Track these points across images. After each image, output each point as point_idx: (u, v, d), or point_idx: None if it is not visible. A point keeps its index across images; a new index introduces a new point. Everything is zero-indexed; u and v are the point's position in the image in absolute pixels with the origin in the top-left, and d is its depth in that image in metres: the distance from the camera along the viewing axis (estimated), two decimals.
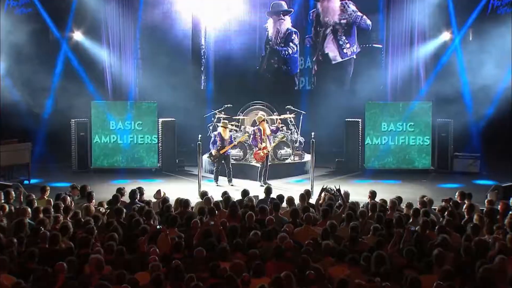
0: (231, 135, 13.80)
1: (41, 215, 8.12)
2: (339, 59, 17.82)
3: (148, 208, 8.49)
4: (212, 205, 8.78)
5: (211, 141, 13.48)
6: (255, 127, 13.61)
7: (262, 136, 13.24)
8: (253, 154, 13.68)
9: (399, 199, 9.57)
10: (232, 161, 14.03)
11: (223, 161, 13.43)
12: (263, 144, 13.24)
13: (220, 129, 13.52)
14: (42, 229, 7.36)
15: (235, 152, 14.27)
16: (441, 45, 16.42)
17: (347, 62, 17.85)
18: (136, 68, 17.38)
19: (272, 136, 13.56)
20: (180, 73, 17.38)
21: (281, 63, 17.88)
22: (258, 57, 17.94)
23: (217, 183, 13.44)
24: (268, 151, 13.35)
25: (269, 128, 13.49)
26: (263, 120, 13.38)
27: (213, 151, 13.38)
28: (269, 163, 13.52)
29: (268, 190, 9.83)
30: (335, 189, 9.46)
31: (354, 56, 17.73)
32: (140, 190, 9.84)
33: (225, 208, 8.94)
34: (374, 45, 17.64)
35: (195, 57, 17.94)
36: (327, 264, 6.64)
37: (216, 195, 10.16)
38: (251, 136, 13.55)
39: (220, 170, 13.49)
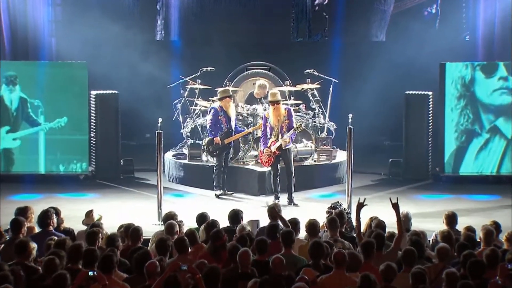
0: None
1: None
2: None
3: (74, 243, 8.49)
4: (181, 235, 8.79)
5: (211, 120, 13.58)
6: (267, 110, 13.56)
7: (272, 125, 13.12)
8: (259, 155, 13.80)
9: (497, 226, 9.60)
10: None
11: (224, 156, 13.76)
12: (272, 138, 13.11)
13: (219, 103, 13.66)
14: None
15: None
16: None
17: None
18: (52, 5, 17.39)
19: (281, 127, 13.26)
20: (125, 15, 17.39)
21: None
22: None
23: (220, 193, 13.72)
24: (273, 151, 13.14)
25: (279, 116, 13.08)
26: (276, 102, 13.08)
27: (216, 138, 13.55)
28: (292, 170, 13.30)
29: (273, 212, 9.86)
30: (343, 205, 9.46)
31: None
32: (57, 211, 9.84)
33: (205, 242, 8.98)
34: None
35: None
36: None
37: (189, 219, 10.22)
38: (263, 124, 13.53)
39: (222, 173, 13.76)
